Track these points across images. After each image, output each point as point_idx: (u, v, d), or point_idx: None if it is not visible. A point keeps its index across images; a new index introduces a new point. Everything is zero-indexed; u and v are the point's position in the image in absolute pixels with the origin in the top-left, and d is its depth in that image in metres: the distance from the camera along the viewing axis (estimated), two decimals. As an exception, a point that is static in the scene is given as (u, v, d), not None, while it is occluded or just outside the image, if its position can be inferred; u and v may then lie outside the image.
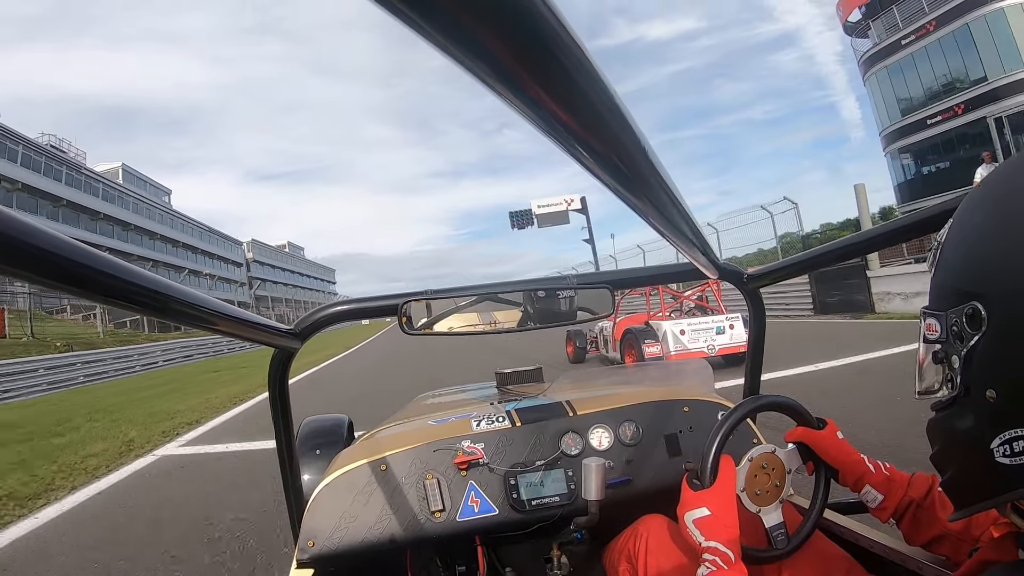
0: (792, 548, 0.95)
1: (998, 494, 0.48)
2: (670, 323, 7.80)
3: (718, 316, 7.88)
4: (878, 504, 0.93)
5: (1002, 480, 0.47)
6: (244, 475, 4.44)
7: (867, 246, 0.96)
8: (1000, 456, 0.46)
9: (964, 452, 0.51)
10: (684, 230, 0.64)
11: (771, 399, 1.00)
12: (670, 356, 7.52)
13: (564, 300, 1.07)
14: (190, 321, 0.63)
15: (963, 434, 0.50)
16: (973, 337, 0.48)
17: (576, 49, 0.25)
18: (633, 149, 0.37)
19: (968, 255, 0.50)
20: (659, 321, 8.03)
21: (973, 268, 0.49)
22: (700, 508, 0.87)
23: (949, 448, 0.54)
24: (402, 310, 1.02)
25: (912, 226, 0.81)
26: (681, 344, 7.57)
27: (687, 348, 7.52)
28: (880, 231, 0.91)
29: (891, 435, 3.37)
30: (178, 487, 4.37)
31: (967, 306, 0.48)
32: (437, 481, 1.18)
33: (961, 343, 0.49)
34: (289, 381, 1.10)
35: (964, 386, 0.49)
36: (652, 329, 7.96)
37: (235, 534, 3.11)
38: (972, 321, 0.48)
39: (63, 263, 0.41)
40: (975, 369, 0.48)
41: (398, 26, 0.20)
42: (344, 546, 1.11)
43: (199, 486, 4.34)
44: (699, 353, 7.39)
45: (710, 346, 7.56)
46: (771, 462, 0.97)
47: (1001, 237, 0.47)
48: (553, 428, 1.29)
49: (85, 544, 3.26)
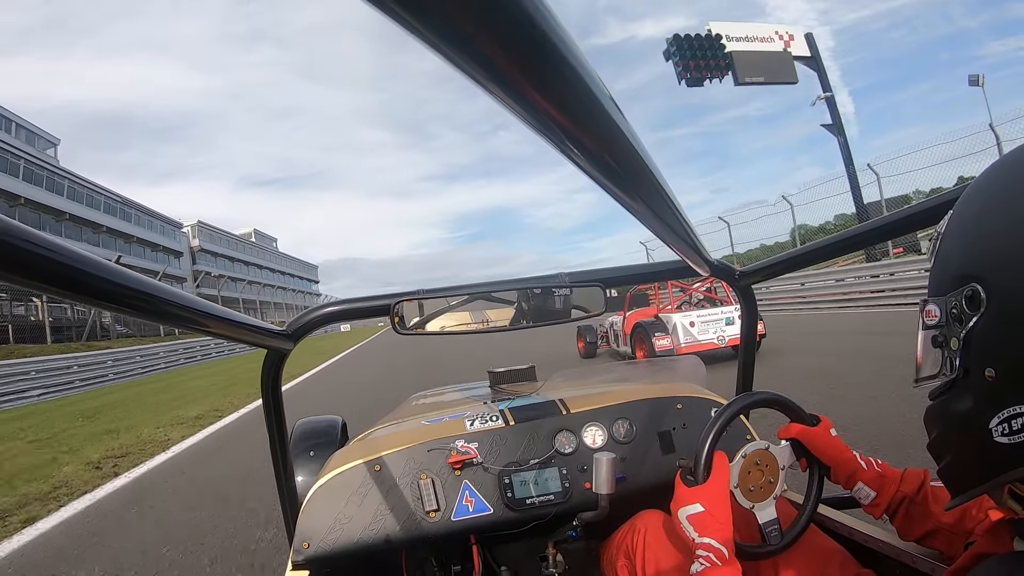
0: (785, 544, 0.96)
1: (997, 474, 0.49)
2: (680, 315, 7.85)
3: (727, 307, 7.89)
4: (871, 501, 0.94)
5: (1001, 460, 0.47)
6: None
7: (864, 240, 0.95)
8: (999, 435, 0.47)
9: (962, 435, 0.52)
10: (677, 228, 0.64)
11: (764, 395, 1.00)
12: (680, 348, 7.54)
13: (557, 298, 1.07)
14: (182, 323, 0.62)
15: (961, 416, 0.51)
16: (972, 318, 0.48)
17: (568, 48, 0.25)
18: (625, 147, 0.37)
19: (967, 240, 0.51)
20: (669, 314, 8.04)
21: (972, 252, 0.50)
22: (694, 504, 0.87)
23: (947, 433, 0.55)
24: (394, 310, 1.02)
25: (911, 219, 0.80)
26: (691, 336, 7.69)
27: (697, 340, 7.64)
28: (878, 224, 0.90)
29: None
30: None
31: (966, 288, 0.49)
32: (432, 481, 1.18)
33: (960, 325, 0.50)
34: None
35: (963, 368, 0.50)
36: (662, 322, 8.02)
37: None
38: (971, 302, 0.48)
39: (53, 266, 0.40)
40: (974, 349, 0.49)
41: (389, 29, 0.20)
42: (339, 547, 1.11)
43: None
44: (709, 344, 7.55)
45: (720, 337, 7.62)
46: (764, 458, 0.98)
47: (998, 220, 0.48)
48: (547, 427, 1.30)
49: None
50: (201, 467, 5.18)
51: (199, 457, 5.70)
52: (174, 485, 4.64)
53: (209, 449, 6.05)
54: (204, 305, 0.66)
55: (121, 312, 0.53)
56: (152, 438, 6.83)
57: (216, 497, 4.06)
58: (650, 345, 7.87)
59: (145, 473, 5.19)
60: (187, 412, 8.67)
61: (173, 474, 5.06)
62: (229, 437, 6.68)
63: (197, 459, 5.61)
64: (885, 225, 0.88)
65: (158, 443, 6.49)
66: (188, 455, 5.86)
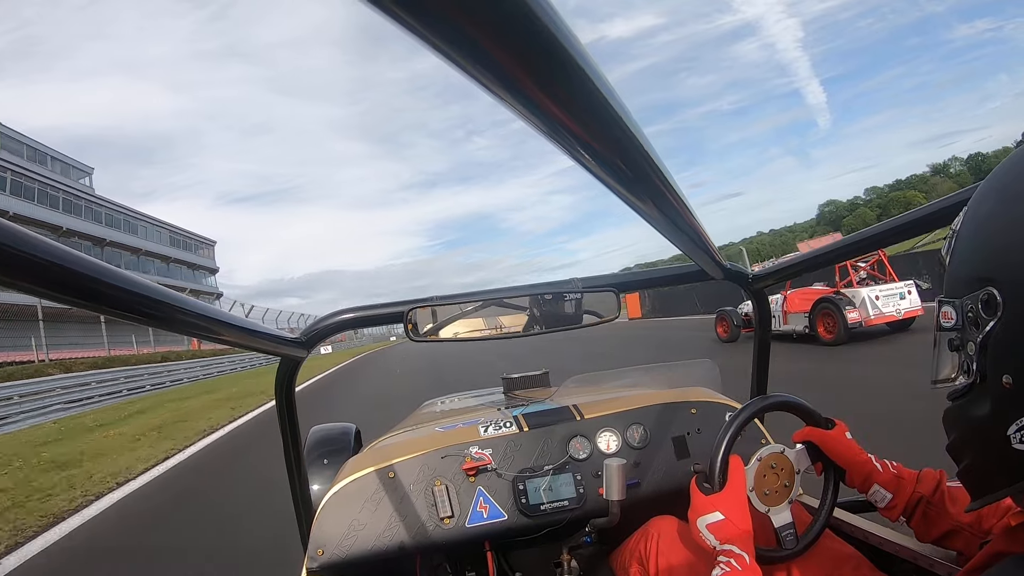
0: (801, 548, 0.95)
1: (1016, 481, 0.48)
2: (867, 290, 8.57)
3: (896, 284, 8.78)
4: (887, 503, 0.93)
5: (1020, 467, 0.46)
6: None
7: (879, 240, 0.94)
8: (1017, 442, 0.46)
9: (980, 440, 0.51)
10: (689, 232, 0.64)
11: (779, 399, 1.00)
12: (869, 320, 8.39)
13: (570, 303, 1.08)
14: (197, 332, 0.63)
15: (979, 421, 0.50)
16: (989, 323, 0.47)
17: (577, 51, 0.25)
18: (636, 151, 0.37)
19: (982, 242, 0.50)
20: (855, 289, 8.76)
21: (987, 254, 0.49)
22: (713, 513, 0.86)
23: (965, 436, 0.54)
24: (408, 317, 1.02)
25: (927, 218, 0.79)
26: (877, 309, 8.45)
27: (881, 312, 8.47)
28: (892, 225, 0.88)
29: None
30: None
31: (982, 292, 0.48)
32: (446, 487, 1.18)
33: (977, 329, 0.49)
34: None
35: (980, 373, 0.49)
36: (848, 297, 8.68)
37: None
38: (987, 307, 0.48)
39: (72, 276, 0.41)
40: (991, 355, 0.48)
41: (360, 41, 0.19)
42: (353, 554, 1.12)
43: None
44: (890, 317, 8.50)
45: (897, 310, 8.53)
46: (780, 462, 0.97)
47: (1014, 222, 0.47)
48: (560, 432, 1.30)
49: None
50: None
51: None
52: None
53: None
54: (219, 314, 0.66)
55: (136, 322, 0.53)
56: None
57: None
58: (841, 318, 8.50)
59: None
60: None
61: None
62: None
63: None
64: (900, 225, 0.86)
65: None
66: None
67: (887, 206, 64.15)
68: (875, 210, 66.10)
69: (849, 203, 21.28)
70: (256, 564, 2.94)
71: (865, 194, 20.66)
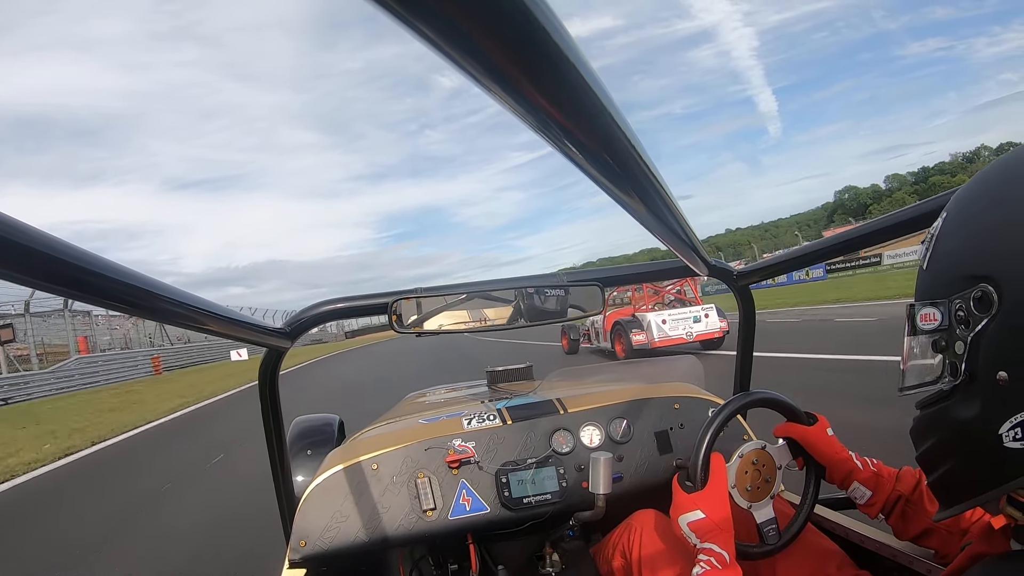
0: (783, 544, 0.96)
1: (1004, 482, 0.48)
2: (653, 314, 9.32)
3: (695, 307, 9.43)
4: (866, 500, 0.94)
5: (1008, 467, 0.46)
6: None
7: (861, 242, 0.95)
8: (1010, 440, 0.45)
9: (966, 442, 0.50)
10: (675, 228, 0.63)
11: (760, 395, 1.00)
12: (654, 343, 8.99)
13: (555, 298, 1.07)
14: (180, 321, 0.62)
15: (965, 424, 0.49)
16: (982, 320, 0.47)
17: (566, 45, 0.25)
18: (623, 146, 0.37)
19: (973, 241, 0.50)
20: (644, 313, 9.50)
21: (980, 252, 0.49)
22: (694, 511, 0.87)
23: (946, 442, 0.53)
24: (392, 308, 1.01)
25: (908, 222, 0.81)
26: (663, 332, 9.01)
27: (668, 335, 9.04)
28: (874, 227, 0.90)
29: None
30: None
31: (975, 289, 0.48)
32: (428, 480, 1.18)
33: (967, 328, 0.49)
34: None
35: (969, 372, 0.48)
36: (638, 320, 9.38)
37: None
38: (981, 304, 0.47)
39: (53, 263, 0.40)
40: (983, 352, 0.47)
41: (314, 29, 0.19)
42: (336, 545, 1.11)
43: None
44: (679, 339, 9.04)
45: (688, 333, 9.09)
46: (761, 458, 0.98)
47: (1009, 220, 0.47)
48: (544, 426, 1.29)
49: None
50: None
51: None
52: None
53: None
54: (203, 303, 0.65)
55: (121, 310, 0.52)
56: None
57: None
58: (627, 340, 9.29)
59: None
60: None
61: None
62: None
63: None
64: (879, 229, 0.88)
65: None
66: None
67: (926, 192, 64.47)
68: (913, 197, 66.53)
69: (870, 188, 21.37)
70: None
71: (884, 183, 20.89)
